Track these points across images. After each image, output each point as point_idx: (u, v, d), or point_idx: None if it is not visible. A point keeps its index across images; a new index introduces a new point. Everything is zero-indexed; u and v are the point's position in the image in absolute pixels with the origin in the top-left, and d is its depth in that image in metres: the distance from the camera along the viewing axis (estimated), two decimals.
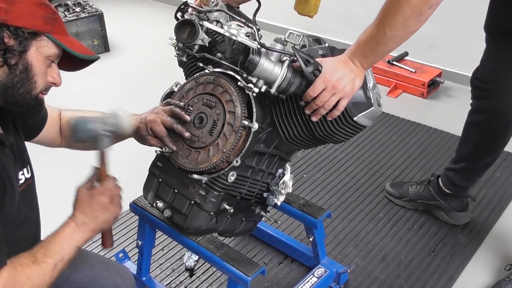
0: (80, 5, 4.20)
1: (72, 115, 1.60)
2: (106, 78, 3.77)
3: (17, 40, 1.18)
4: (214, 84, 1.55)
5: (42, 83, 1.25)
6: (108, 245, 1.46)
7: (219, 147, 1.48)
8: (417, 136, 3.09)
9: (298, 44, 1.54)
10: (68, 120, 1.60)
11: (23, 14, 1.18)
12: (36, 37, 1.21)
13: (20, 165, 1.33)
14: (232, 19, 1.63)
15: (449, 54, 3.65)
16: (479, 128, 2.14)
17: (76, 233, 1.33)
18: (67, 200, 1.39)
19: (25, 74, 1.21)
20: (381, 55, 1.46)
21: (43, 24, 1.21)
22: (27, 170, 1.37)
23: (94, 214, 1.36)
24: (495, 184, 2.66)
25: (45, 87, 1.27)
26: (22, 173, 1.33)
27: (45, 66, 1.25)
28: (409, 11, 1.32)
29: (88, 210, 1.35)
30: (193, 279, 2.16)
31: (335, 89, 1.41)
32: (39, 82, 1.24)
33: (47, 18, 1.22)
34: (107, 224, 1.39)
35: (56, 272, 1.27)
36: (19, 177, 1.32)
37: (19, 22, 1.18)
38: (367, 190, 2.66)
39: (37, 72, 1.23)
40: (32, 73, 1.22)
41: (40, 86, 1.25)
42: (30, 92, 1.23)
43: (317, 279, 2.01)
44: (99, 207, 1.36)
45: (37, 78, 1.23)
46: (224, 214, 1.61)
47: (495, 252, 2.27)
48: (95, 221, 1.36)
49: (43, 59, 1.23)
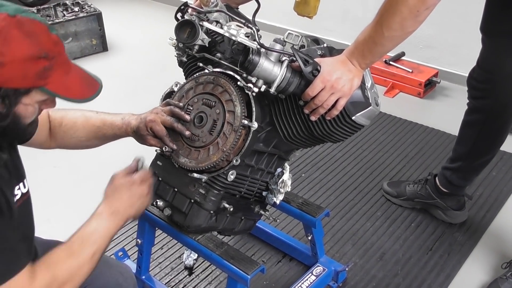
0: (78, 5, 4.20)
1: (64, 115, 1.57)
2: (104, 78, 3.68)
3: (4, 103, 1.09)
4: (214, 84, 1.56)
5: (33, 117, 1.20)
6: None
7: (219, 146, 1.49)
8: (414, 136, 3.11)
9: (296, 44, 1.55)
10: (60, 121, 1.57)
11: (12, 76, 1.06)
12: (25, 94, 1.11)
13: (16, 181, 1.27)
14: (231, 20, 1.64)
15: (445, 54, 3.67)
16: (476, 127, 2.16)
17: (111, 222, 1.32)
18: (66, 199, 1.40)
19: (13, 124, 1.14)
20: (379, 55, 1.47)
21: (35, 81, 1.10)
22: (23, 185, 1.30)
23: (131, 202, 1.37)
24: (491, 183, 2.68)
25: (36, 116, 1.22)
26: (19, 188, 1.27)
27: (37, 106, 1.18)
28: (407, 12, 1.34)
29: (125, 197, 1.36)
30: (192, 278, 2.17)
31: (333, 88, 1.43)
32: (30, 119, 1.19)
33: (41, 72, 1.10)
34: (138, 214, 1.41)
35: (94, 262, 1.27)
36: (15, 193, 1.25)
37: (8, 84, 1.07)
38: (365, 189, 2.67)
39: (28, 116, 1.17)
40: (21, 119, 1.15)
41: (31, 119, 1.19)
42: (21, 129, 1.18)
43: (316, 278, 2.03)
44: (137, 195, 1.38)
45: (27, 120, 1.17)
46: (224, 213, 1.63)
47: (492, 250, 2.29)
48: (130, 209, 1.37)
49: (34, 105, 1.16)
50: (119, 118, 1.59)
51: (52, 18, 4.03)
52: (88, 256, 1.25)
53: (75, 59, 4.00)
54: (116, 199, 1.35)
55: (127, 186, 1.38)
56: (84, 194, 1.56)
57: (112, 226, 1.32)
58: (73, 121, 1.58)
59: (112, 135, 1.59)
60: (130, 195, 1.37)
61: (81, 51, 4.09)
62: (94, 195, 1.40)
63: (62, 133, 1.57)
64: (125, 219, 1.36)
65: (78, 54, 4.05)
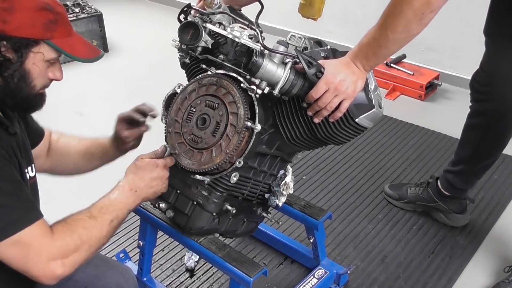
0: (79, 6, 4.20)
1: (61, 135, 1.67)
2: (105, 79, 3.78)
3: (14, 52, 1.16)
4: (217, 86, 1.56)
5: (41, 83, 1.25)
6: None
7: (222, 148, 1.49)
8: (415, 138, 3.11)
9: (299, 46, 1.55)
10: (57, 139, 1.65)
11: (21, 24, 1.15)
12: (35, 46, 1.19)
13: (26, 162, 1.34)
14: (234, 21, 1.64)
15: (446, 57, 3.67)
16: (478, 130, 2.15)
17: (130, 197, 1.39)
18: (66, 197, 1.40)
19: (22, 81, 1.20)
20: (383, 58, 1.47)
21: (42, 32, 1.19)
22: (31, 169, 1.37)
23: (151, 184, 1.45)
24: (493, 186, 2.68)
25: (44, 85, 1.27)
26: (27, 171, 1.34)
27: (45, 68, 1.24)
28: (411, 14, 1.34)
29: (147, 178, 1.44)
30: (193, 280, 2.16)
31: (337, 90, 1.43)
32: (38, 84, 1.24)
33: (47, 24, 1.19)
34: (154, 196, 1.49)
35: (112, 229, 1.32)
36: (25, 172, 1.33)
37: (17, 32, 1.15)
38: (366, 192, 2.67)
39: (36, 76, 1.22)
40: (30, 79, 1.21)
41: (39, 86, 1.25)
42: (29, 95, 1.24)
43: (317, 280, 2.02)
44: (158, 179, 1.46)
45: (35, 82, 1.23)
46: (226, 215, 1.62)
47: (494, 254, 2.28)
48: (148, 190, 1.45)
49: (42, 64, 1.23)
50: (106, 138, 1.68)
51: None
52: (107, 221, 1.31)
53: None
54: (138, 177, 1.43)
55: (150, 168, 1.46)
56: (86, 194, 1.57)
57: (130, 201, 1.40)
58: (68, 140, 1.68)
59: (98, 153, 1.68)
60: (152, 177, 1.45)
61: None
62: (96, 195, 1.39)
63: (57, 150, 1.64)
64: (142, 198, 1.44)
65: None
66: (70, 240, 1.22)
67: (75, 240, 1.23)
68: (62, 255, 1.20)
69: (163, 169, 1.50)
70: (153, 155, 1.52)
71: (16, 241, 1.15)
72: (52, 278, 1.20)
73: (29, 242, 1.16)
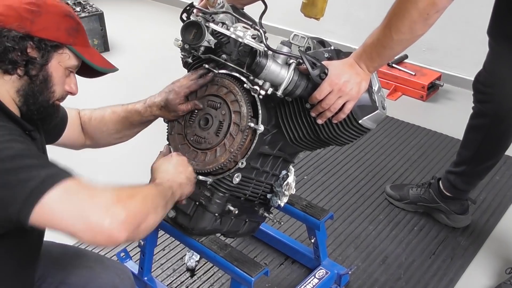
0: (80, 5, 4.19)
1: (92, 111, 1.66)
2: (105, 78, 3.71)
3: (39, 52, 1.20)
4: (218, 85, 1.55)
5: (59, 92, 1.28)
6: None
7: (226, 147, 1.48)
8: (417, 139, 3.10)
9: (302, 46, 1.54)
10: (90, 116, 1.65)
11: (47, 26, 1.20)
12: (58, 49, 1.23)
13: None
14: (237, 21, 1.63)
15: (448, 57, 3.67)
16: (481, 131, 2.15)
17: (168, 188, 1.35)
18: None
19: (44, 84, 1.23)
20: (388, 59, 1.46)
21: (66, 37, 1.24)
22: None
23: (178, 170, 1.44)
24: (495, 187, 2.67)
25: (61, 96, 1.31)
26: None
27: (64, 76, 1.28)
28: (416, 15, 1.33)
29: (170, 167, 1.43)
30: (194, 279, 2.16)
31: (341, 92, 1.42)
32: (57, 91, 1.27)
33: (70, 30, 1.25)
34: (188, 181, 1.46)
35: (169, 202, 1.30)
36: None
37: (43, 34, 1.20)
38: (367, 192, 2.66)
39: (56, 82, 1.26)
40: (51, 83, 1.25)
41: (57, 95, 1.28)
42: (48, 101, 1.26)
43: (318, 281, 2.02)
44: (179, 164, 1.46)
45: (55, 88, 1.26)
46: (229, 215, 1.62)
47: (495, 255, 2.28)
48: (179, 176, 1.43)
49: (63, 70, 1.26)
50: (140, 104, 1.64)
51: None
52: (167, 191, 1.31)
53: None
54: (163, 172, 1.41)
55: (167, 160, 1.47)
56: None
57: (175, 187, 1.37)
58: (101, 115, 1.66)
59: (138, 121, 1.64)
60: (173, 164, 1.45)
61: None
62: None
63: (93, 128, 1.64)
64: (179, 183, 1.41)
65: None
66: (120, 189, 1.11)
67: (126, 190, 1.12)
68: (118, 199, 1.07)
69: (178, 155, 1.50)
70: (161, 156, 1.53)
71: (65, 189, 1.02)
72: (118, 226, 1.03)
73: (77, 189, 1.04)
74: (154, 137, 1.86)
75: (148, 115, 1.62)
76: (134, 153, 2.09)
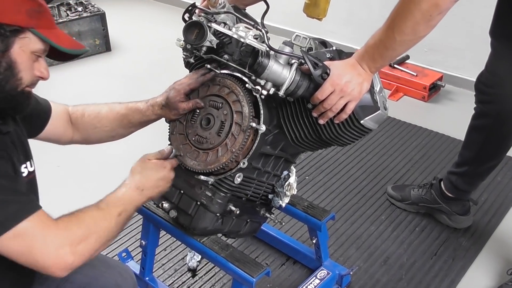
0: (82, 5, 4.20)
1: (85, 107, 1.63)
2: (107, 78, 3.77)
3: (1, 37, 1.15)
4: (220, 86, 1.55)
5: (28, 78, 1.23)
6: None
7: (227, 147, 1.48)
8: (419, 139, 3.10)
9: (304, 47, 1.54)
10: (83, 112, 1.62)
11: (5, 9, 1.15)
12: (19, 34, 1.18)
13: (24, 158, 1.32)
14: (239, 21, 1.63)
15: (450, 58, 3.67)
16: (483, 132, 2.15)
17: (136, 195, 1.39)
18: (69, 198, 1.39)
19: (9, 71, 1.19)
20: (390, 59, 1.46)
21: (27, 20, 1.18)
22: (30, 164, 1.36)
23: (157, 184, 1.45)
24: (496, 188, 2.67)
25: (31, 82, 1.26)
26: (26, 166, 1.33)
27: (31, 61, 1.23)
28: (419, 16, 1.33)
29: (154, 178, 1.44)
30: (195, 280, 2.16)
31: (343, 92, 1.42)
32: (25, 78, 1.22)
33: (31, 12, 1.19)
34: (159, 195, 1.49)
35: (121, 220, 1.31)
36: (22, 170, 1.31)
37: (3, 18, 1.14)
38: (369, 193, 2.66)
39: (22, 68, 1.21)
40: (17, 70, 1.20)
41: (26, 82, 1.23)
42: (16, 89, 1.22)
43: (320, 281, 2.02)
44: (164, 180, 1.47)
45: (22, 74, 1.21)
46: (230, 215, 1.62)
47: (497, 256, 2.28)
48: (154, 190, 1.45)
49: (29, 55, 1.21)
50: (142, 103, 1.64)
51: (56, 17, 4.01)
52: (115, 213, 1.30)
53: (78, 59, 3.98)
54: (144, 176, 1.43)
55: (157, 169, 1.46)
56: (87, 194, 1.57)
57: (137, 198, 1.39)
58: (97, 111, 1.64)
59: (137, 120, 1.63)
60: (158, 177, 1.46)
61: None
62: (97, 195, 1.38)
63: (86, 124, 1.62)
64: (148, 197, 1.43)
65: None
66: (77, 229, 1.19)
67: (83, 229, 1.20)
68: (70, 243, 1.17)
69: (170, 171, 1.50)
70: (159, 156, 1.51)
71: (18, 233, 1.12)
72: (63, 268, 1.16)
73: (31, 232, 1.13)
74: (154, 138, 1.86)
75: (149, 113, 1.61)
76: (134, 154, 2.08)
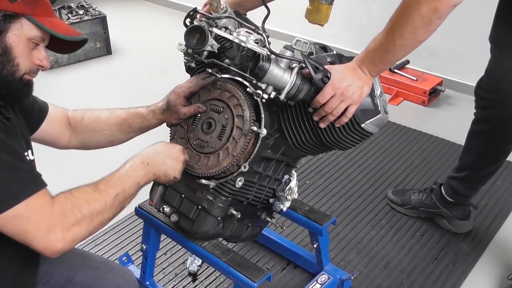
0: (83, 8, 4.21)
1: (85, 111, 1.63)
2: (108, 81, 3.78)
3: None
4: (221, 90, 1.56)
5: (25, 65, 1.24)
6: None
7: (229, 151, 1.49)
8: (419, 144, 3.11)
9: (305, 51, 1.55)
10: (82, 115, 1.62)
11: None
12: (14, 20, 1.19)
13: (26, 146, 1.33)
14: (240, 26, 1.64)
15: (450, 63, 3.67)
16: (483, 137, 2.15)
17: (140, 170, 1.38)
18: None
19: (4, 56, 1.19)
20: (390, 64, 1.47)
21: (21, 6, 1.19)
22: (31, 153, 1.37)
23: (165, 160, 1.44)
24: (496, 192, 2.67)
25: (30, 70, 1.26)
26: (27, 154, 1.33)
27: (28, 48, 1.23)
28: (419, 20, 1.34)
29: (163, 153, 1.44)
30: (196, 284, 2.16)
31: (343, 96, 1.43)
32: (22, 64, 1.23)
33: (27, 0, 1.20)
34: (165, 178, 1.46)
35: (118, 203, 1.30)
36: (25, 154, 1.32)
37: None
38: (370, 197, 2.66)
39: (18, 54, 1.21)
40: (12, 56, 1.20)
41: (24, 68, 1.24)
42: (13, 75, 1.22)
43: (321, 286, 2.01)
44: (173, 157, 1.46)
45: (18, 60, 1.22)
46: (231, 220, 1.62)
47: (497, 260, 2.28)
48: (161, 167, 1.43)
49: (25, 42, 1.22)
50: (143, 108, 1.64)
51: None
52: (112, 194, 1.29)
53: (79, 62, 4.01)
54: (153, 151, 1.43)
55: (168, 146, 1.48)
56: None
57: (140, 174, 1.38)
58: (97, 114, 1.63)
59: (138, 125, 1.63)
60: (167, 154, 1.46)
61: (85, 54, 4.07)
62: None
63: (85, 127, 1.61)
64: (153, 173, 1.42)
65: (82, 57, 4.04)
66: (70, 213, 1.20)
67: (75, 213, 1.20)
68: (61, 229, 1.18)
69: (181, 151, 1.49)
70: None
71: (15, 215, 1.13)
72: (53, 252, 1.18)
73: (27, 215, 1.15)
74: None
75: (150, 118, 1.62)
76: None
